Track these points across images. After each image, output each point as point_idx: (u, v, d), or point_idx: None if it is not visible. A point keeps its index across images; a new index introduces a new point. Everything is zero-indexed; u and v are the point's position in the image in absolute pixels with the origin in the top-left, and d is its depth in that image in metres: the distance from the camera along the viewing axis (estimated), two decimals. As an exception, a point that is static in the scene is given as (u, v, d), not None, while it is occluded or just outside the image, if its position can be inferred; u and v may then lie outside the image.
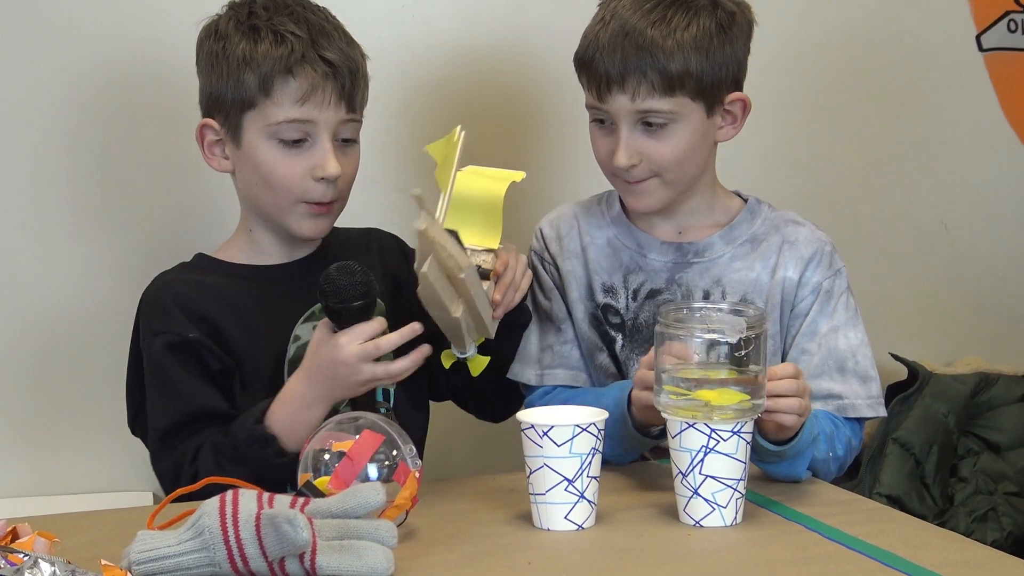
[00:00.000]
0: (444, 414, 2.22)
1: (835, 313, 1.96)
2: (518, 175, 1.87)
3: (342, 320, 1.79)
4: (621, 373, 2.00)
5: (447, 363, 1.89)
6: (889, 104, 2.79)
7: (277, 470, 1.77)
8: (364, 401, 1.82)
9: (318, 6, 2.02)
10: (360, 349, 1.76)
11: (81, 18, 2.37)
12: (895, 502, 2.53)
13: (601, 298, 2.01)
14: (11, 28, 2.35)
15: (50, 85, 2.37)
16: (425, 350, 1.80)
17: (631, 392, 1.81)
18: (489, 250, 1.84)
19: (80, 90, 2.38)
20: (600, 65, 1.90)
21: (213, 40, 1.98)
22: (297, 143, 1.94)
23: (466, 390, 2.04)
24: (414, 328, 1.78)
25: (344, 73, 1.94)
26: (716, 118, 1.95)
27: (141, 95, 2.39)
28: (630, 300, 2.00)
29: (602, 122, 1.95)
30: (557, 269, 2.04)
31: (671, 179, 1.94)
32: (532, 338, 2.02)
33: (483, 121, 2.55)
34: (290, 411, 1.82)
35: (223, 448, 1.84)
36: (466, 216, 1.83)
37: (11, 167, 2.38)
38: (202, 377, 1.93)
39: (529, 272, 1.90)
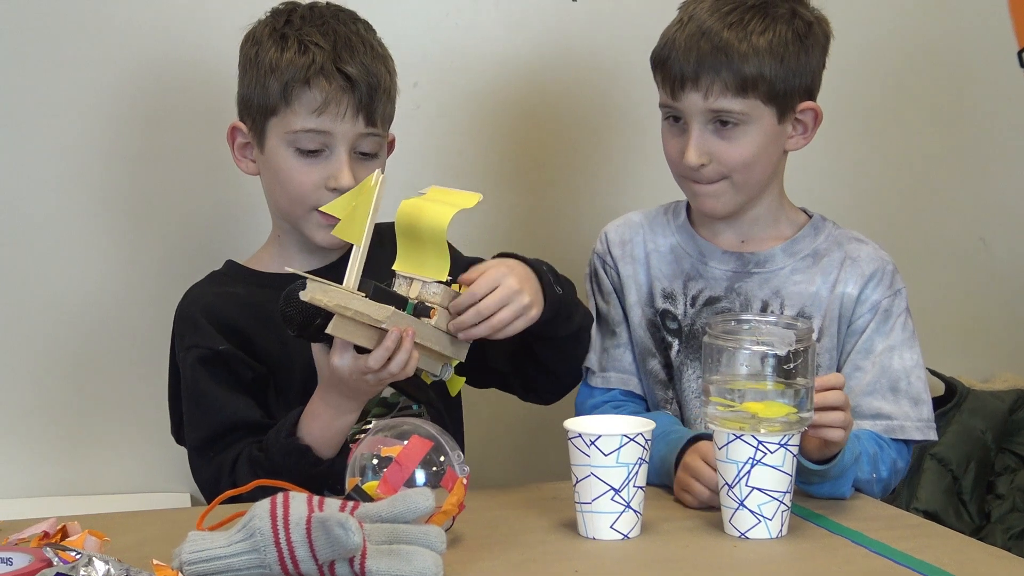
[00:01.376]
0: (482, 422, 2.23)
1: (892, 333, 1.96)
2: (471, 200, 1.80)
3: (318, 338, 1.76)
4: (672, 380, 2.01)
5: (428, 381, 1.89)
6: (929, 119, 2.78)
7: (315, 479, 1.78)
8: (411, 387, 1.82)
9: (357, 19, 2.04)
10: (353, 365, 1.75)
11: (119, 23, 2.37)
12: (932, 518, 2.52)
13: (660, 303, 2.02)
14: (51, 31, 2.35)
15: (87, 89, 2.37)
16: (410, 332, 1.73)
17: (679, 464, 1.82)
18: (440, 282, 1.79)
19: (117, 94, 2.39)
20: (675, 64, 1.93)
21: (250, 44, 2.02)
22: (314, 153, 1.97)
23: (508, 375, 2.02)
24: (393, 336, 1.72)
25: (362, 87, 1.96)
26: (787, 126, 1.97)
27: (178, 99, 2.40)
28: (688, 306, 2.01)
29: (675, 120, 1.96)
30: (617, 273, 2.05)
31: (739, 181, 1.95)
32: (596, 337, 2.04)
33: (525, 129, 2.55)
34: (321, 423, 1.82)
35: (259, 462, 1.85)
36: (414, 248, 1.79)
37: (49, 169, 2.38)
38: (234, 388, 1.94)
39: (502, 293, 1.80)
